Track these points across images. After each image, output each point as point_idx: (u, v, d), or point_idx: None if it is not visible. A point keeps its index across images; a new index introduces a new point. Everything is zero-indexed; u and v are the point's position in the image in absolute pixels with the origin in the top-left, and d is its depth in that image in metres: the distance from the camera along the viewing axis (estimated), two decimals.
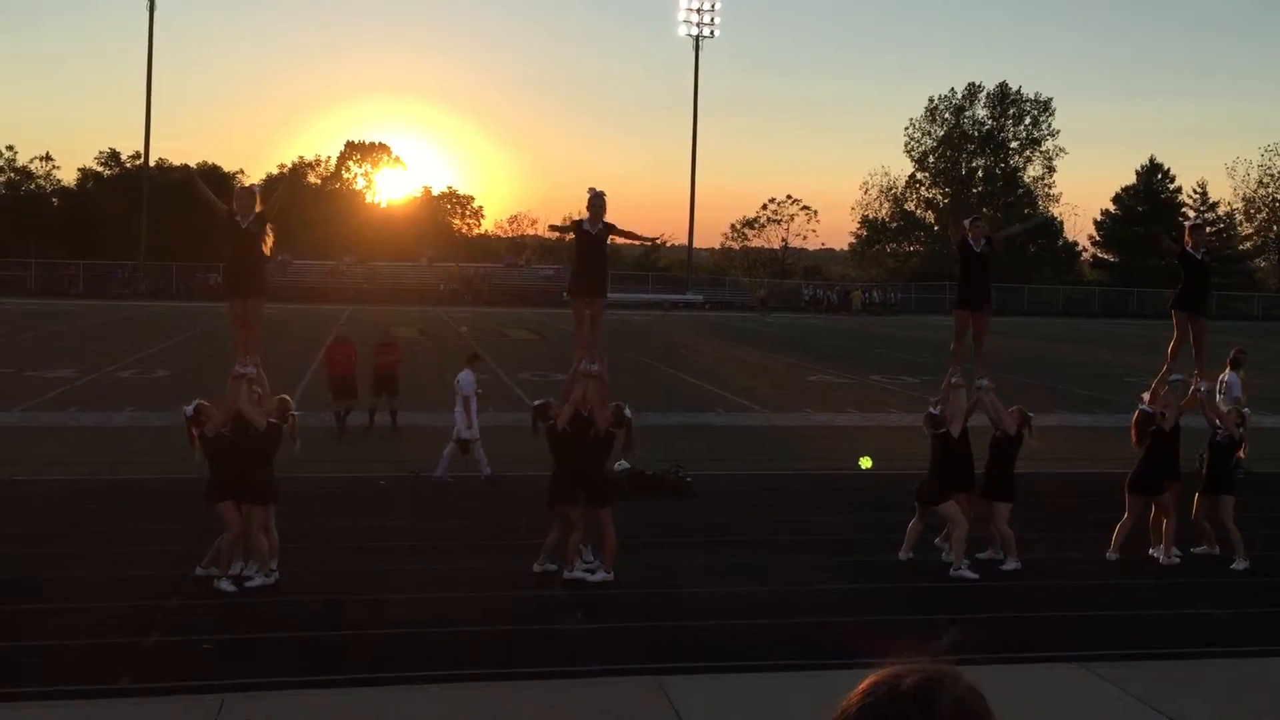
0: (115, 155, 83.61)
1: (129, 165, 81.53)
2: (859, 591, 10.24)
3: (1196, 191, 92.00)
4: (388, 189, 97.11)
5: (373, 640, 8.63)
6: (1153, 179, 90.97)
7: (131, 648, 8.30)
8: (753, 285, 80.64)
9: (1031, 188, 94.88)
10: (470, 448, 14.69)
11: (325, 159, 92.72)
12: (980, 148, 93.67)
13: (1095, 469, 16.10)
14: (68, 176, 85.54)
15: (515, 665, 8.13)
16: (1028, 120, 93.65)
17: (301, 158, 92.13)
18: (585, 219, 10.76)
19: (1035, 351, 39.91)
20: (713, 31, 78.13)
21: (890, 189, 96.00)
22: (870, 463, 14.55)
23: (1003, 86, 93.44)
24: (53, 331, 38.20)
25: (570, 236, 11.03)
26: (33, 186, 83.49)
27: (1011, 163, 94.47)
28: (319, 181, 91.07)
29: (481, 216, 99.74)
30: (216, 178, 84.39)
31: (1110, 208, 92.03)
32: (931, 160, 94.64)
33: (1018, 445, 11.18)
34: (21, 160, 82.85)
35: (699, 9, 77.63)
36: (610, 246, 11.96)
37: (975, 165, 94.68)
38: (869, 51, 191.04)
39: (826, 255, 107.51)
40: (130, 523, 11.86)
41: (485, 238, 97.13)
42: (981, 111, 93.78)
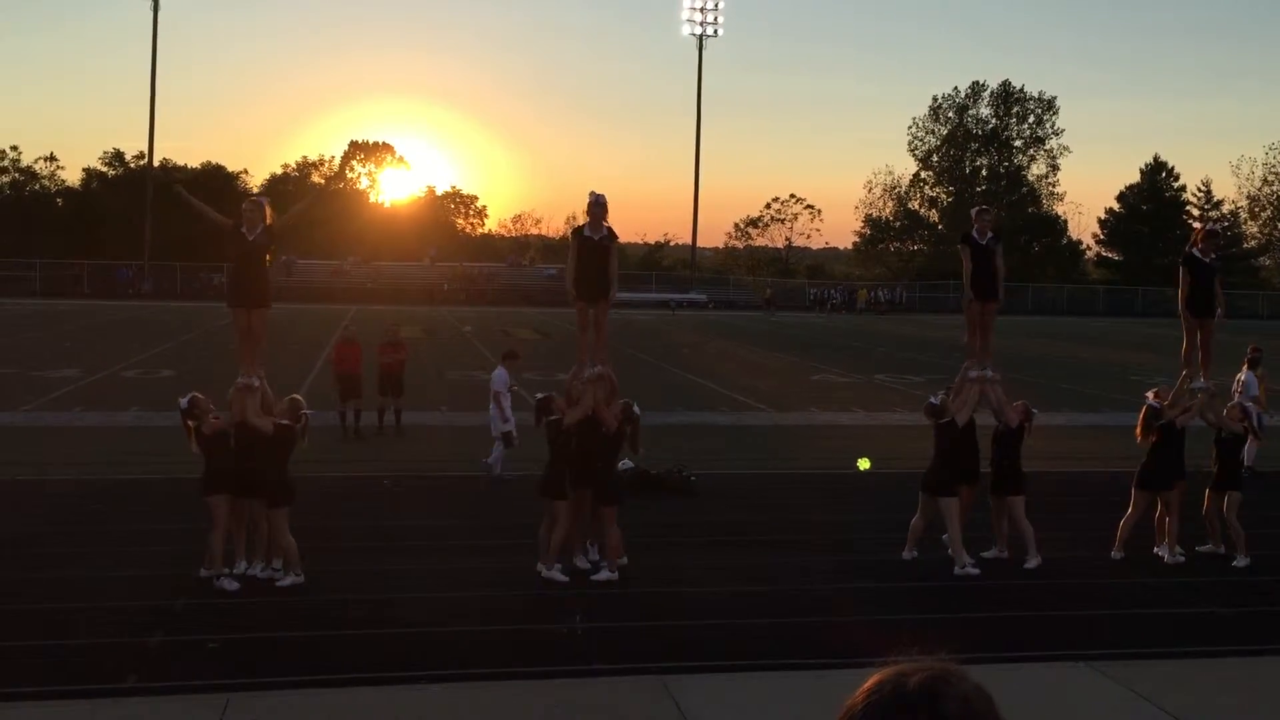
0: (119, 155, 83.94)
1: (133, 165, 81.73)
2: (863, 591, 10.23)
3: (1201, 190, 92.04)
4: (391, 189, 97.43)
5: (377, 640, 8.63)
6: (1157, 177, 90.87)
7: (137, 647, 8.30)
8: (757, 285, 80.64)
9: (1035, 186, 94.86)
10: (511, 440, 14.56)
11: (329, 159, 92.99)
12: (984, 146, 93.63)
13: (1100, 467, 16.07)
14: (72, 177, 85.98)
15: (519, 665, 8.13)
16: (1031, 119, 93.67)
17: (305, 158, 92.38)
18: (586, 225, 10.75)
19: (1039, 350, 39.86)
20: (716, 30, 78.25)
21: (894, 188, 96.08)
22: (868, 464, 14.51)
23: (1006, 85, 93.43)
24: (58, 332, 38.26)
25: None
26: (37, 187, 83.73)
27: (1015, 161, 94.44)
28: (323, 181, 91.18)
29: (485, 216, 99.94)
30: (220, 178, 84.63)
31: (1114, 206, 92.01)
32: (935, 159, 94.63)
33: (1020, 438, 11.21)
34: (26, 160, 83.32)
35: (702, 8, 77.65)
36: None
37: (979, 164, 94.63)
38: (872, 50, 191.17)
39: (830, 254, 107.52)
40: (135, 522, 11.87)
41: (489, 237, 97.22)
42: (985, 110, 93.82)
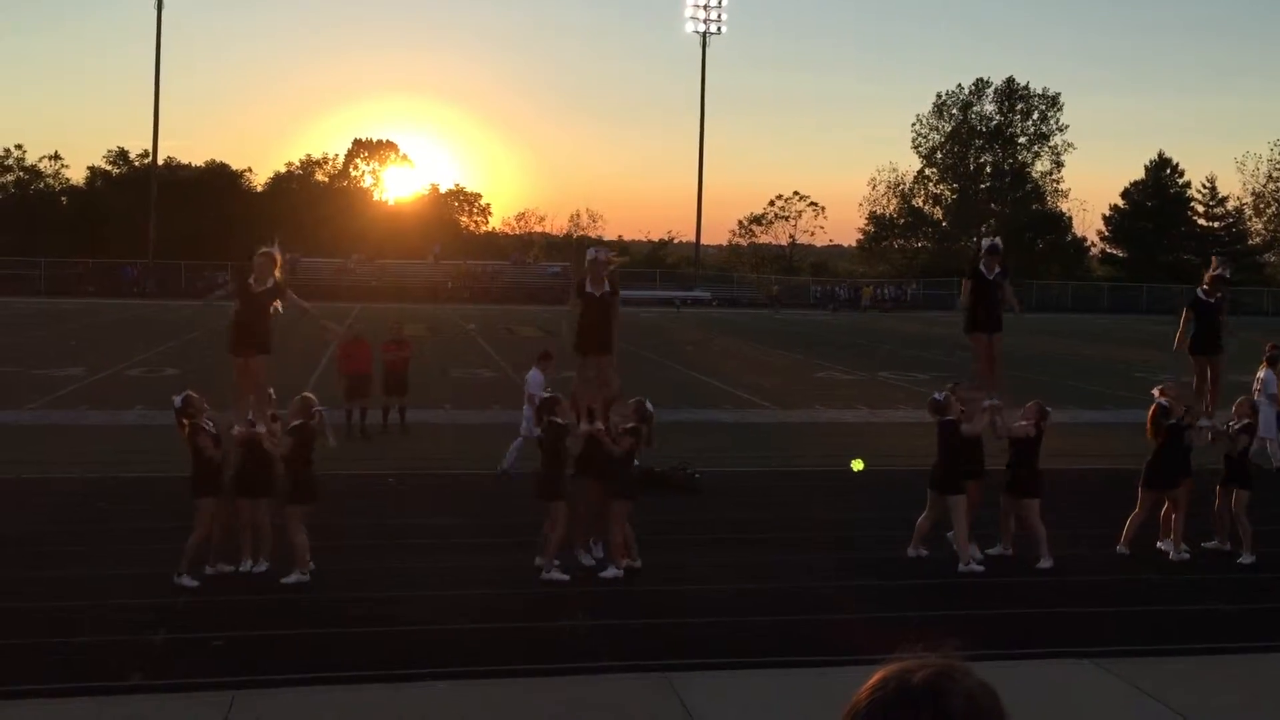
0: (124, 154, 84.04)
1: (137, 164, 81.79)
2: (867, 588, 10.23)
3: (1205, 186, 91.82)
4: (395, 187, 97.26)
5: (382, 638, 8.65)
6: (1161, 174, 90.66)
7: (141, 645, 8.32)
8: (760, 283, 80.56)
9: (1040, 183, 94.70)
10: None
11: (333, 157, 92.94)
12: (988, 143, 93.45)
13: (1104, 465, 16.05)
14: (76, 175, 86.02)
15: (524, 663, 8.13)
16: (1035, 115, 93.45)
17: (309, 156, 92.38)
18: (586, 279, 10.77)
19: (1044, 347, 39.80)
20: (720, 28, 78.18)
21: (898, 185, 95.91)
22: (862, 465, 14.45)
23: (1010, 82, 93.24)
24: (62, 330, 38.31)
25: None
26: (41, 185, 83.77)
27: (1019, 158, 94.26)
28: (326, 179, 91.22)
29: (489, 214, 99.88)
30: (224, 176, 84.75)
31: (1119, 203, 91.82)
32: (939, 156, 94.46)
33: (1038, 442, 11.18)
34: (30, 159, 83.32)
35: (706, 5, 77.59)
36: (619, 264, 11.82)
37: (983, 161, 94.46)
38: (876, 47, 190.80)
39: (834, 252, 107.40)
40: (139, 521, 11.89)
41: (493, 235, 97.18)
42: (989, 107, 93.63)
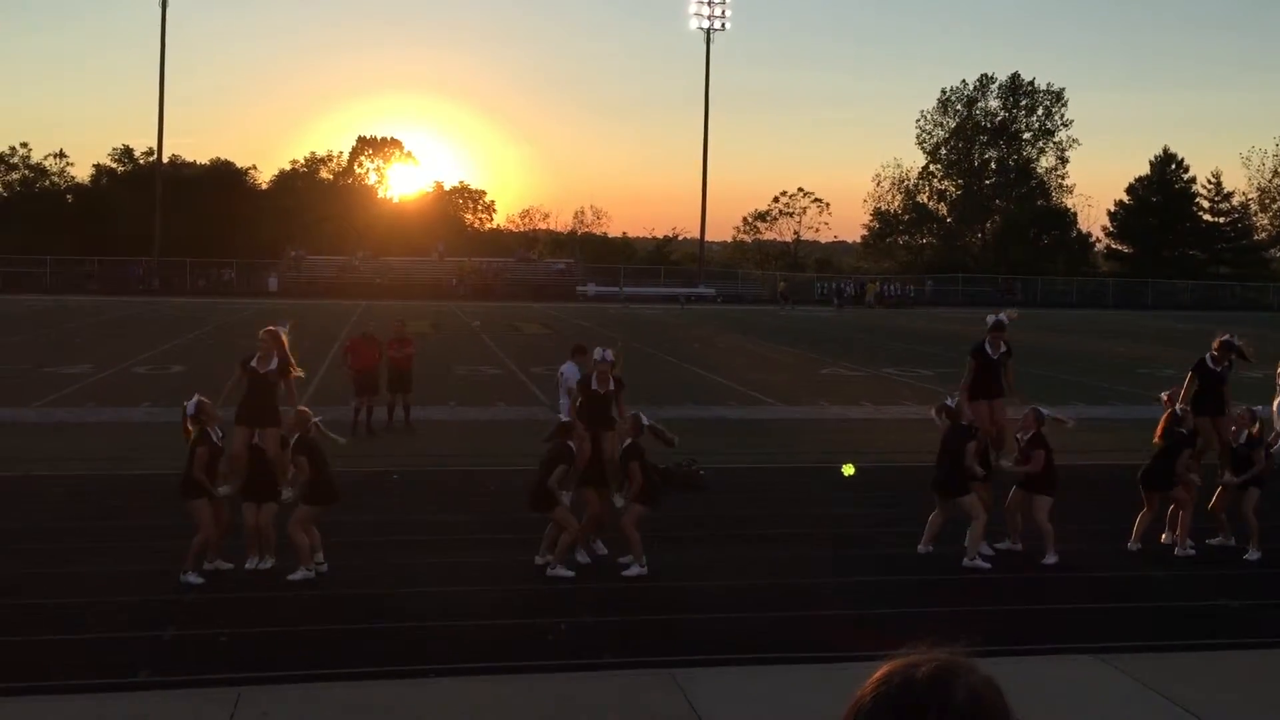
0: (129, 151, 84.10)
1: (142, 162, 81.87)
2: (872, 584, 10.23)
3: (1211, 182, 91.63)
4: (399, 184, 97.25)
5: (387, 633, 8.67)
6: (1166, 169, 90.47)
7: (148, 641, 8.35)
8: (765, 280, 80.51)
9: (1044, 179, 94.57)
10: None
11: (337, 154, 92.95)
12: (993, 139, 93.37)
13: (1109, 461, 16.03)
14: (82, 173, 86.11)
15: (529, 659, 8.15)
16: (1040, 111, 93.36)
17: (313, 153, 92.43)
18: (592, 377, 11.55)
19: (1049, 343, 39.75)
20: (724, 24, 77.97)
21: (902, 181, 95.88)
22: (852, 469, 14.42)
23: (1015, 77, 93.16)
24: (69, 328, 38.38)
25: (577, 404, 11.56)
26: (47, 183, 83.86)
27: (1024, 154, 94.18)
28: (331, 177, 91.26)
29: (493, 211, 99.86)
30: (229, 174, 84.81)
31: (1124, 198, 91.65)
32: (944, 152, 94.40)
33: (1046, 444, 11.16)
34: (36, 157, 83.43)
35: (710, 2, 77.43)
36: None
37: (988, 157, 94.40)
38: (880, 43, 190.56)
39: (839, 248, 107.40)
40: (145, 517, 11.90)
41: (497, 232, 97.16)
42: (994, 103, 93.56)
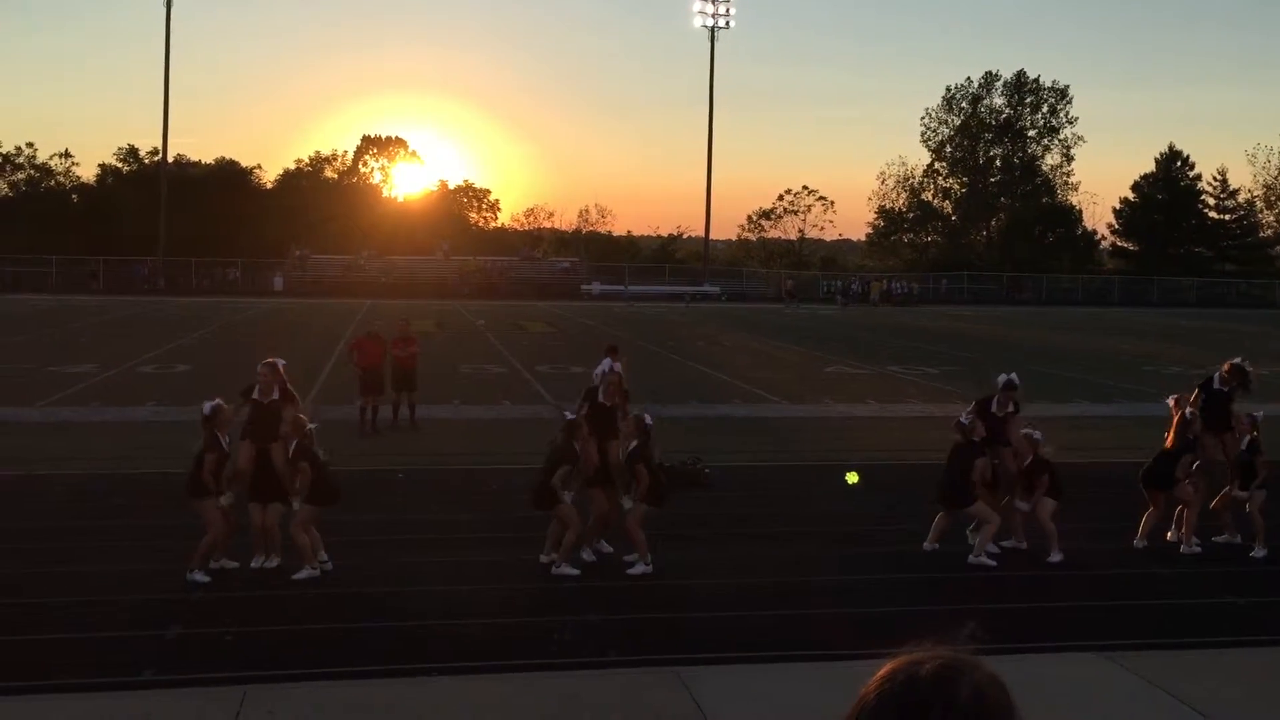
0: (134, 151, 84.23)
1: (147, 161, 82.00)
2: (877, 582, 10.23)
3: (1216, 179, 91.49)
4: (404, 183, 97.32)
5: (392, 632, 8.67)
6: (1172, 166, 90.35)
7: (154, 640, 8.36)
8: (770, 278, 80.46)
9: (1049, 176, 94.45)
10: None
11: (342, 154, 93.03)
12: (998, 137, 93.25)
13: (1114, 459, 16.01)
14: (87, 173, 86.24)
15: (532, 657, 8.15)
16: (1045, 109, 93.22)
17: (318, 152, 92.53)
18: (599, 390, 11.69)
19: (1055, 341, 39.73)
20: (728, 23, 77.90)
21: (907, 179, 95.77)
22: (856, 477, 14.35)
23: (1020, 75, 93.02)
24: (74, 327, 38.45)
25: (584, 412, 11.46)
26: (52, 183, 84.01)
27: (1029, 151, 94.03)
28: (336, 176, 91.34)
29: (498, 210, 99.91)
30: (234, 173, 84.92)
31: (1129, 196, 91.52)
32: (949, 150, 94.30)
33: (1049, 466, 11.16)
34: (41, 157, 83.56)
35: (714, 0, 77.39)
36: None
37: (993, 154, 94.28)
38: (884, 41, 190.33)
39: (843, 246, 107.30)
40: (151, 516, 11.91)
41: (502, 231, 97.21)
42: (999, 100, 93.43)
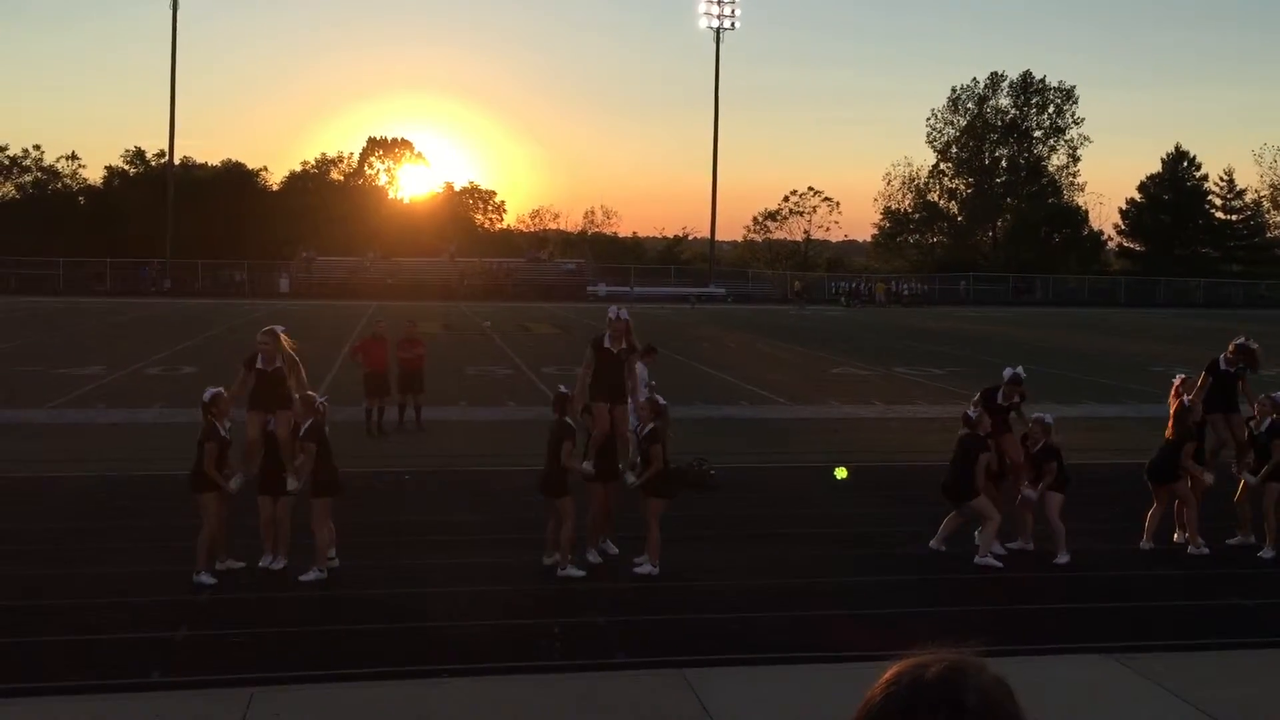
0: (140, 154, 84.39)
1: (154, 163, 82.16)
2: (883, 583, 10.21)
3: (1223, 179, 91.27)
4: (410, 185, 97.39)
5: (399, 634, 8.68)
6: (1178, 167, 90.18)
7: (161, 642, 8.37)
8: (776, 279, 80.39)
9: (1056, 177, 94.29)
10: None
11: (348, 155, 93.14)
12: (1003, 137, 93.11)
13: (1121, 459, 15.98)
14: (94, 175, 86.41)
15: (540, 658, 8.16)
16: (1051, 109, 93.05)
17: (324, 154, 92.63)
18: (606, 336, 11.02)
19: (1061, 341, 39.67)
20: (733, 24, 77.92)
21: (913, 180, 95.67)
22: (845, 473, 14.33)
23: (1026, 75, 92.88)
24: (81, 329, 38.53)
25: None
26: (59, 185, 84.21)
27: (1035, 152, 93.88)
28: (342, 178, 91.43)
29: (503, 211, 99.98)
30: (240, 175, 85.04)
31: (1136, 196, 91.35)
32: (954, 150, 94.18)
33: (1056, 451, 11.12)
34: (48, 160, 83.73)
35: (719, 1, 77.37)
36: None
37: (999, 155, 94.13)
38: (890, 42, 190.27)
39: (849, 247, 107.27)
40: (158, 518, 11.94)
41: (508, 233, 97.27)
42: (1004, 101, 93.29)
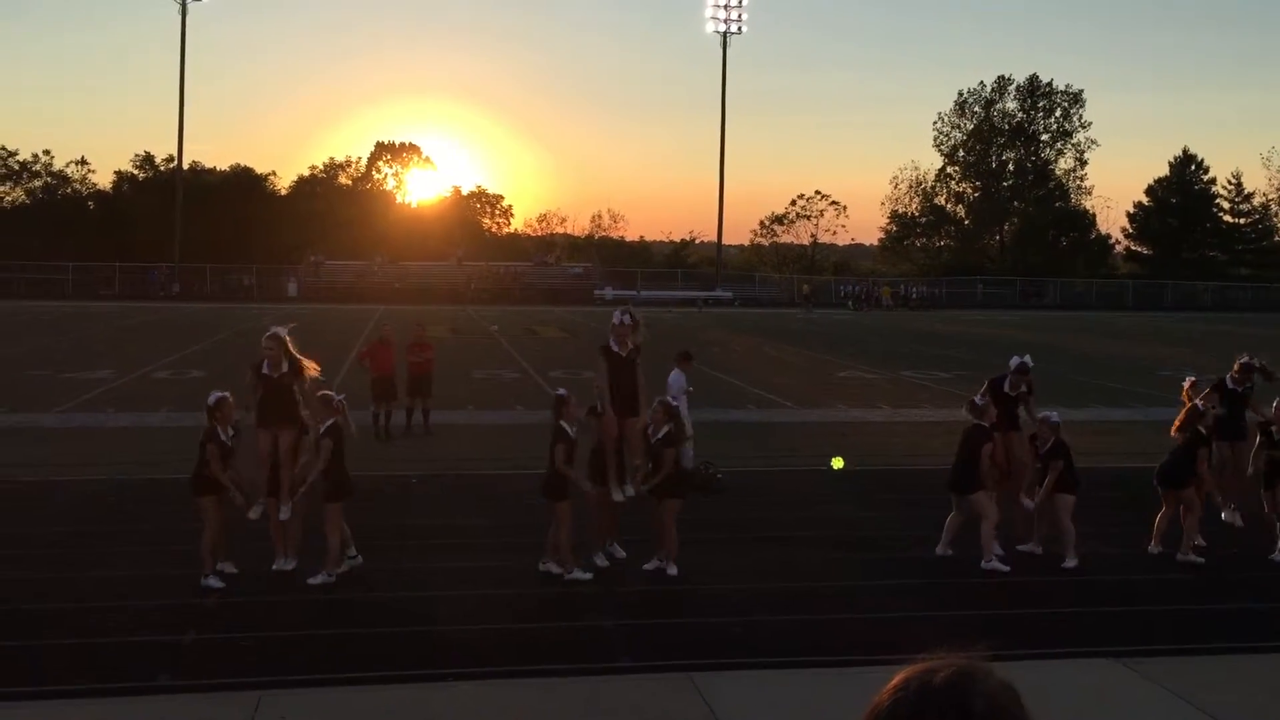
0: (149, 158, 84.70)
1: (163, 168, 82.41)
2: (890, 587, 10.20)
3: (1231, 182, 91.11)
4: (418, 189, 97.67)
5: (406, 637, 8.69)
6: (1186, 170, 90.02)
7: (168, 645, 8.39)
8: (784, 282, 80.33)
9: (1063, 180, 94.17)
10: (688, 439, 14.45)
11: (356, 160, 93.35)
12: (1010, 141, 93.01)
13: (1128, 463, 15.95)
14: (103, 180, 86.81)
15: (547, 662, 8.16)
16: (1058, 113, 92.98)
17: (332, 159, 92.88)
18: (611, 342, 10.82)
19: (1068, 345, 39.60)
20: (740, 28, 77.90)
21: (920, 183, 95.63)
22: (841, 463, 14.20)
23: (1033, 79, 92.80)
24: (89, 333, 38.63)
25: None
26: (69, 190, 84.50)
27: (1042, 155, 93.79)
28: (350, 182, 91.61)
29: (511, 215, 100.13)
30: (248, 180, 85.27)
31: (1143, 200, 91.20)
32: (961, 154, 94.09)
33: (1066, 449, 11.09)
34: (58, 165, 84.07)
35: (726, 5, 77.37)
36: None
37: (1006, 158, 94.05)
38: (897, 45, 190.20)
39: (856, 251, 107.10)
40: (166, 521, 11.97)
41: (515, 236, 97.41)
42: (1011, 104, 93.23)
